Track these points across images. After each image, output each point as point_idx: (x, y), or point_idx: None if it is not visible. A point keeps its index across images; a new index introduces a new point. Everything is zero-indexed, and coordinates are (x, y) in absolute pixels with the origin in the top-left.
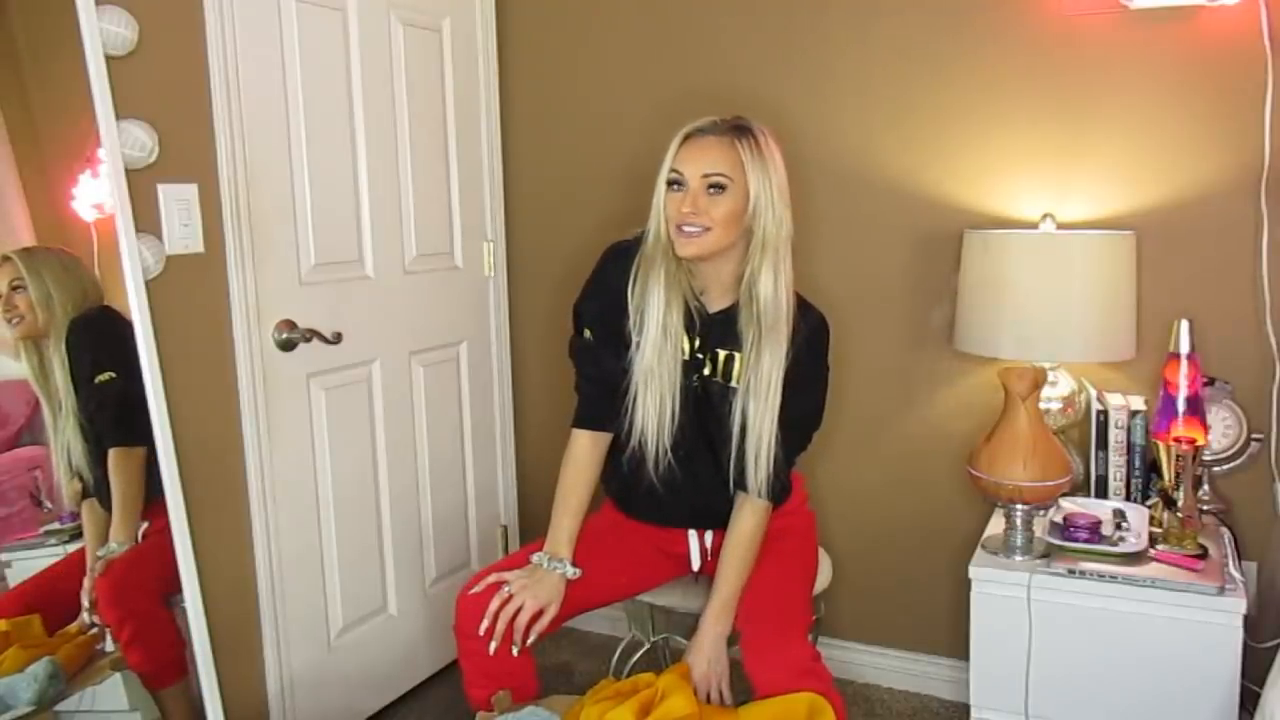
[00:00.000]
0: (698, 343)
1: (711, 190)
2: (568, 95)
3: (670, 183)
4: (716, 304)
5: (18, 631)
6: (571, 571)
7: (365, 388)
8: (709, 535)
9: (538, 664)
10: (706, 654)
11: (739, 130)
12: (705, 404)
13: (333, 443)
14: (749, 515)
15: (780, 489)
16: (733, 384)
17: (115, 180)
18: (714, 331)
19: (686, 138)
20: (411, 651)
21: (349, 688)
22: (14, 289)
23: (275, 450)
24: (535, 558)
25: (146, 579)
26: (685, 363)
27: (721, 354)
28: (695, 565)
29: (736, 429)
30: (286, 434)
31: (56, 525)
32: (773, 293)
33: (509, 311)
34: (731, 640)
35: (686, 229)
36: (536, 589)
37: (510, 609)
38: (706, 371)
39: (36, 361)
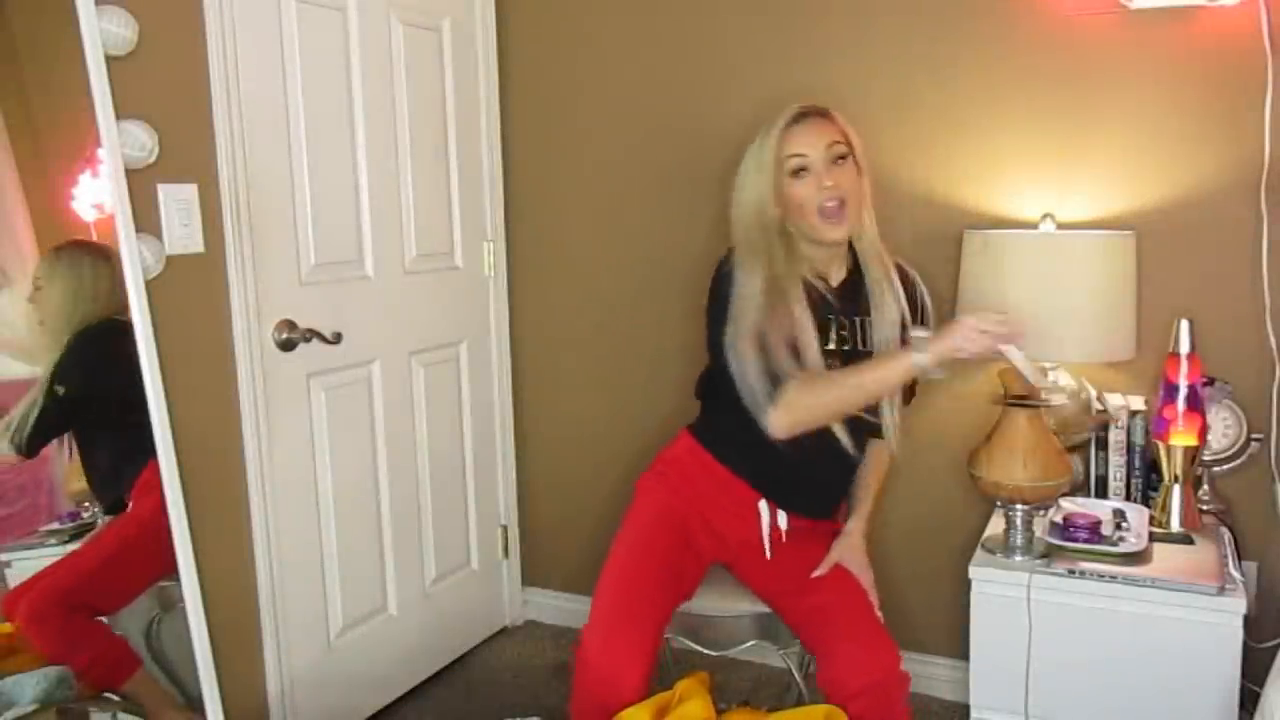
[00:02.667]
0: (831, 326)
1: (838, 161)
2: (568, 95)
3: (795, 171)
4: (836, 277)
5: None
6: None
7: (365, 388)
8: (781, 517)
9: (541, 664)
10: (861, 559)
11: (824, 110)
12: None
13: (333, 443)
14: (883, 451)
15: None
16: (870, 348)
17: (115, 180)
18: (846, 303)
19: (788, 126)
20: (411, 651)
21: (349, 688)
22: (36, 288)
23: (275, 450)
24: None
25: (64, 600)
26: (826, 351)
27: (857, 322)
28: (765, 534)
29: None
30: (286, 434)
31: (56, 525)
32: (886, 256)
33: (509, 311)
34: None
35: (829, 205)
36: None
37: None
38: (851, 345)
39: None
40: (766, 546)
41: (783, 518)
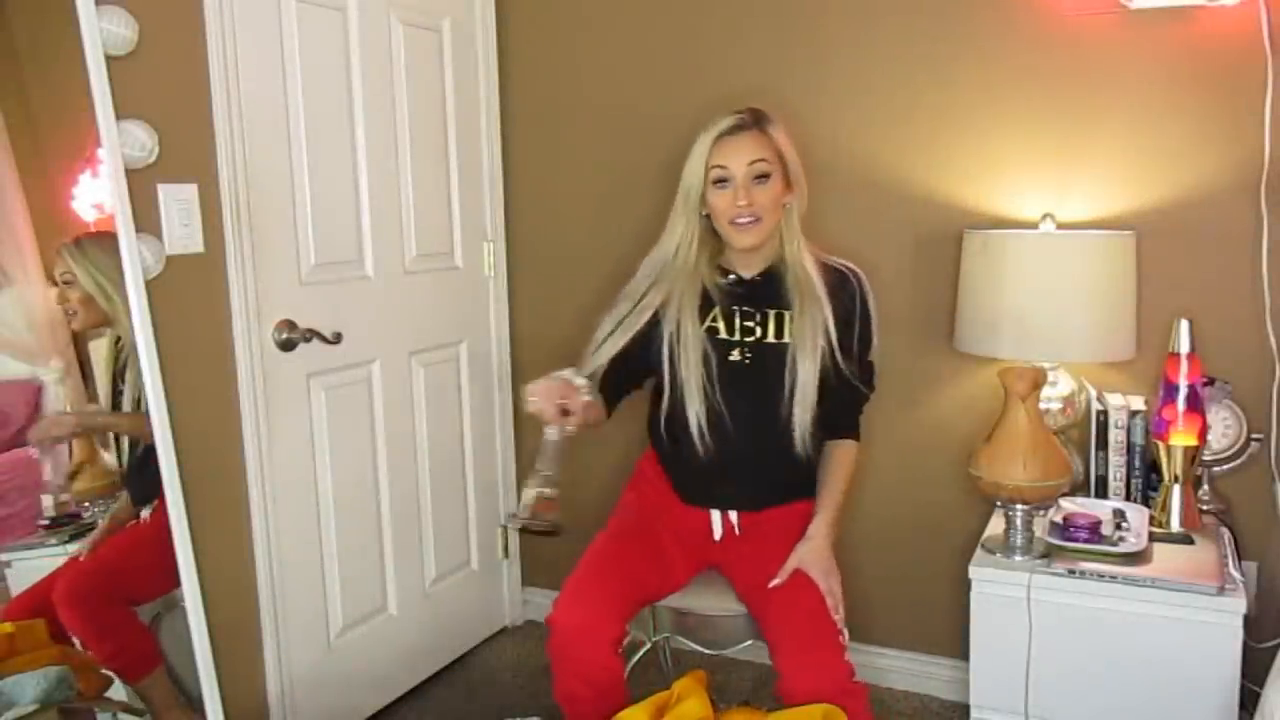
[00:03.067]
0: (735, 315)
1: (758, 180)
2: (568, 95)
3: (716, 181)
4: (750, 271)
5: (22, 635)
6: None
7: (365, 388)
8: (733, 515)
9: (541, 665)
10: (821, 562)
11: (763, 120)
12: (757, 368)
13: (333, 443)
14: (846, 450)
15: (856, 425)
16: (785, 340)
17: (115, 180)
18: (759, 296)
19: (719, 137)
20: (411, 651)
21: (349, 688)
22: (65, 284)
23: (275, 450)
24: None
25: (104, 585)
26: (722, 339)
27: (772, 314)
28: (717, 535)
29: (793, 385)
30: (286, 434)
31: (46, 521)
32: (809, 258)
33: (509, 311)
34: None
35: (740, 220)
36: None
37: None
38: (757, 335)
39: (104, 351)
40: (716, 531)
41: (733, 515)
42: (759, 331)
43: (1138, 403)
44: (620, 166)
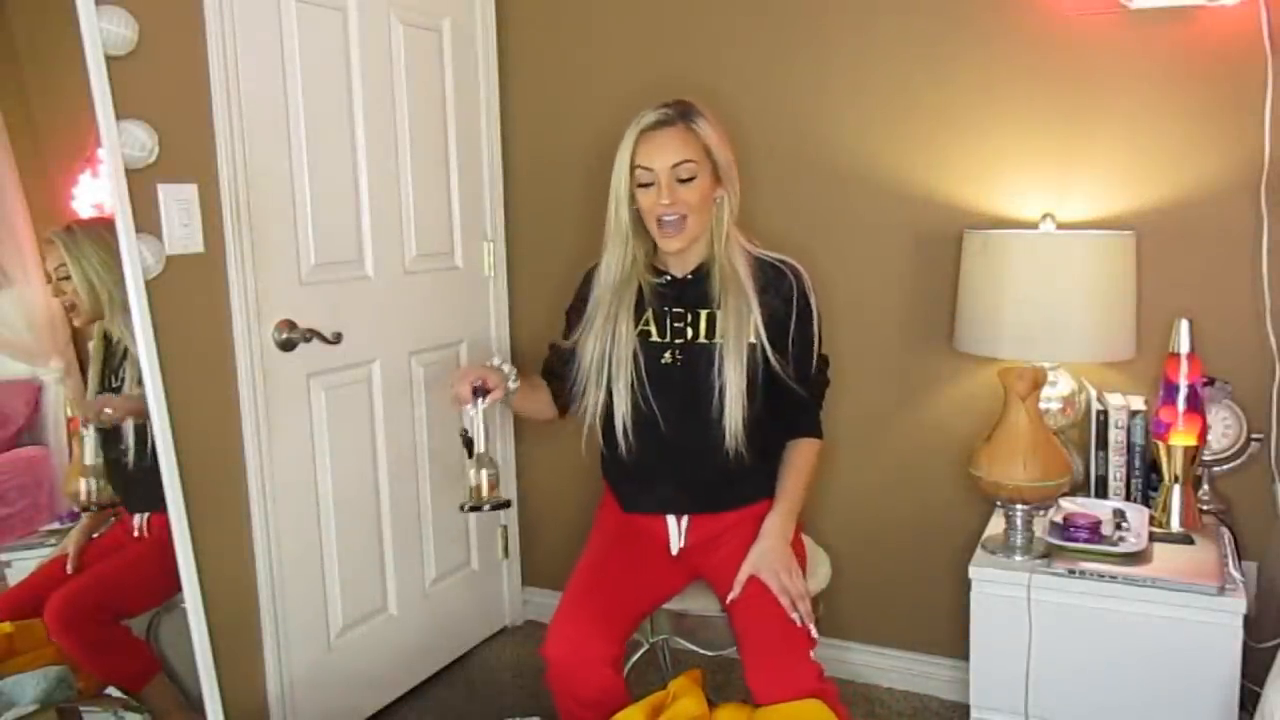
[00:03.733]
0: (666, 317)
1: (683, 181)
2: (568, 95)
3: (640, 182)
4: (683, 270)
5: (22, 635)
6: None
7: (365, 388)
8: (685, 520)
9: (541, 665)
10: (774, 563)
11: (690, 114)
12: (688, 369)
13: (333, 443)
14: (805, 449)
15: (817, 423)
16: (716, 340)
17: (115, 180)
18: (688, 296)
19: (642, 133)
20: (411, 651)
21: (349, 688)
22: (60, 277)
23: (275, 450)
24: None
25: (94, 605)
26: (654, 342)
27: (703, 314)
28: (675, 549)
29: (723, 385)
30: (286, 434)
31: (56, 525)
32: (739, 255)
33: (509, 311)
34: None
35: (666, 220)
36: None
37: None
38: (688, 336)
39: (100, 344)
40: (673, 546)
41: (684, 520)
42: (689, 333)
43: (1138, 403)
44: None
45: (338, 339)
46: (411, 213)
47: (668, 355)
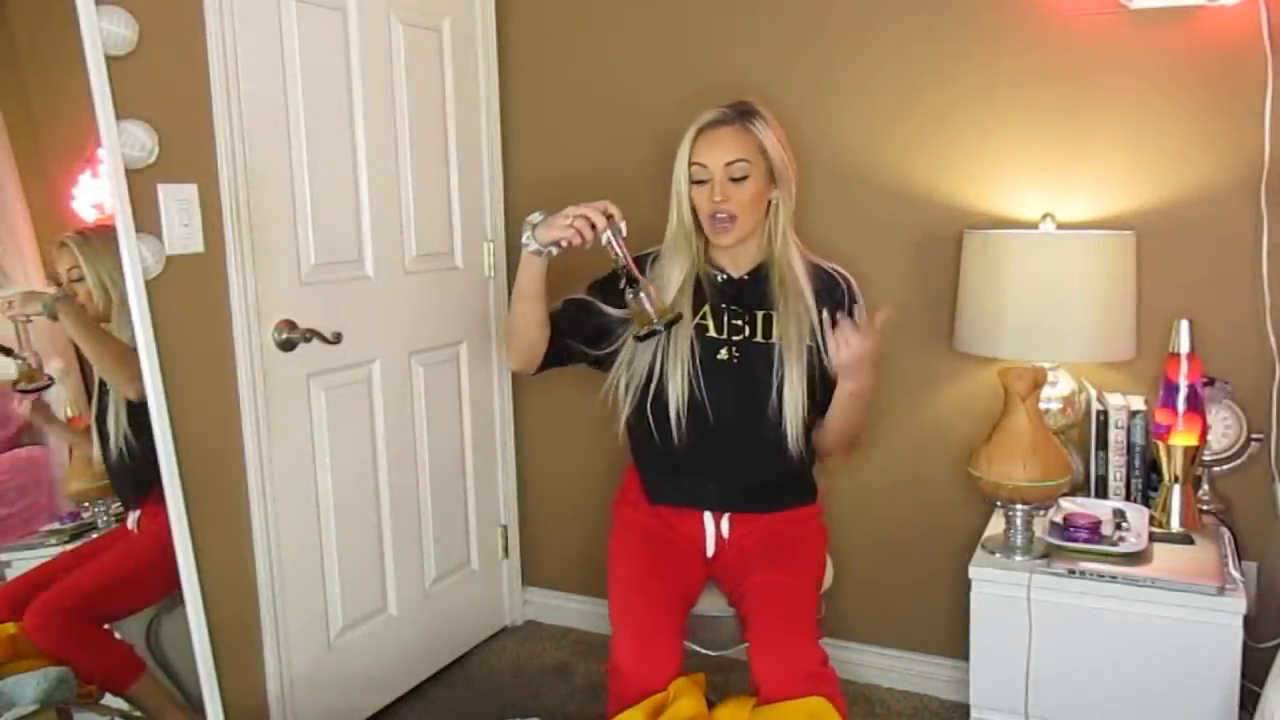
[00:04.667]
0: (724, 314)
1: (735, 180)
2: (568, 95)
3: (695, 179)
4: (739, 270)
5: (24, 636)
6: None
7: (365, 388)
8: (725, 521)
9: (541, 665)
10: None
11: (748, 114)
12: (744, 367)
13: (333, 443)
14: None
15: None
16: (772, 340)
17: (115, 180)
18: (745, 295)
19: (700, 131)
20: (411, 651)
21: (349, 688)
22: (73, 280)
23: (275, 450)
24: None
25: (70, 607)
26: (710, 337)
27: (759, 314)
28: (710, 551)
29: (782, 385)
30: (286, 434)
31: (56, 525)
32: (797, 259)
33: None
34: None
35: (719, 217)
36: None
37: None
38: (745, 334)
39: None
40: (709, 548)
41: (724, 520)
42: (747, 330)
43: (1138, 403)
44: (620, 166)
45: (338, 339)
46: (411, 213)
47: (724, 351)
